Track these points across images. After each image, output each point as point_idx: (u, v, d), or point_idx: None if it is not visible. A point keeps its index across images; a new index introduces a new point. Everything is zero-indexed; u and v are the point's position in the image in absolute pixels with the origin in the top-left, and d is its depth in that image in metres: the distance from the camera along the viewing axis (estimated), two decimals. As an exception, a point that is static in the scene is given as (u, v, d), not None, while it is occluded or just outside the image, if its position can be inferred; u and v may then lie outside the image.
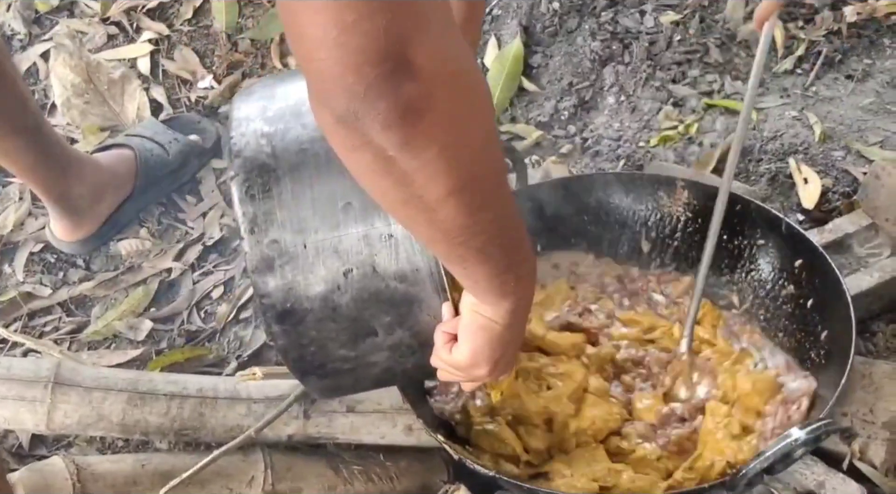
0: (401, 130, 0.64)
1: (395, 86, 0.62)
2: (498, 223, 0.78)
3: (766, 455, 1.06)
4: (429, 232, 0.78)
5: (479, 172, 0.72)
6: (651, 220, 1.50)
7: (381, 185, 0.71)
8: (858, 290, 1.44)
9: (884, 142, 1.75)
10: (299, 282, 0.89)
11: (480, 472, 1.19)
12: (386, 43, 0.60)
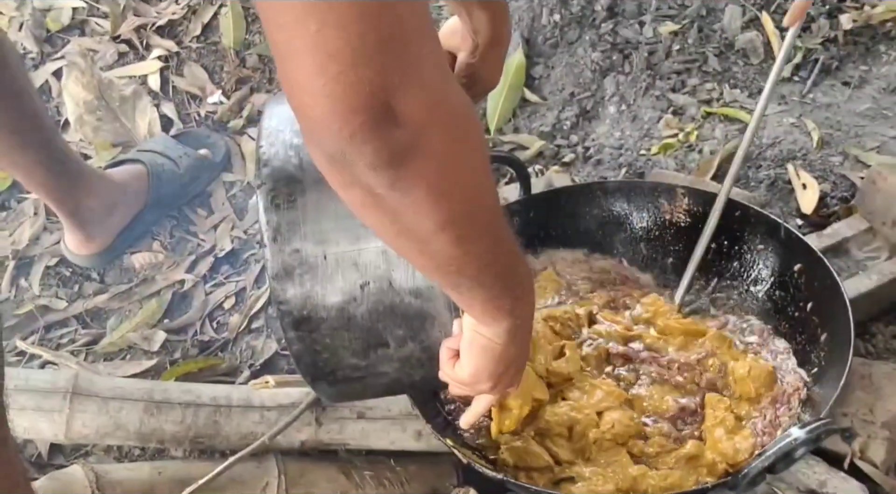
0: (387, 172, 0.66)
1: (380, 133, 0.64)
2: (491, 253, 0.80)
3: (767, 455, 1.08)
4: (422, 261, 0.80)
5: (469, 209, 0.74)
6: (652, 225, 1.54)
7: (373, 218, 0.73)
8: (857, 293, 1.47)
9: (881, 147, 1.78)
10: (317, 292, 0.91)
11: (489, 476, 1.22)
12: (370, 93, 0.62)
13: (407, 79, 0.63)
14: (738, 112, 1.90)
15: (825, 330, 1.34)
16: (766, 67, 1.99)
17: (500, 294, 0.87)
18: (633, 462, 1.25)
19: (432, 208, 0.70)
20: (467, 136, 0.71)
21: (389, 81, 0.62)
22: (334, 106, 0.62)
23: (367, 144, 0.64)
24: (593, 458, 1.27)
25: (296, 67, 0.62)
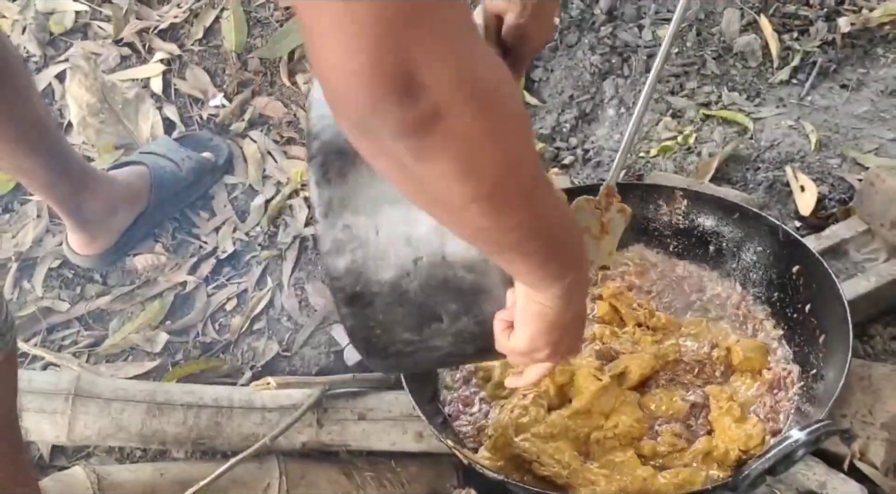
0: (411, 142, 0.66)
1: (403, 105, 0.63)
2: (530, 223, 0.78)
3: (768, 456, 1.09)
4: (459, 230, 0.79)
5: (501, 181, 0.71)
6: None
7: (404, 188, 0.72)
8: (856, 294, 1.48)
9: (879, 149, 1.79)
10: (370, 267, 0.90)
11: (489, 476, 1.22)
12: (394, 65, 0.62)
13: (432, 51, 0.62)
14: (737, 115, 1.91)
15: (824, 332, 1.36)
16: (765, 69, 2.00)
17: (545, 261, 0.84)
18: (642, 463, 1.26)
19: (460, 180, 0.69)
20: (497, 108, 0.69)
21: (413, 55, 0.62)
22: (359, 79, 0.62)
23: (391, 114, 0.63)
24: (598, 459, 1.28)
25: (323, 44, 0.62)
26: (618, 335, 1.44)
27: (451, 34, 0.64)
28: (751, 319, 1.46)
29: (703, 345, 1.40)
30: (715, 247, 1.53)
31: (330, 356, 1.61)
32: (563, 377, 1.35)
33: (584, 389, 1.33)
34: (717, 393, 1.32)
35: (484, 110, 0.67)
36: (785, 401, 1.32)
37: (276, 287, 1.71)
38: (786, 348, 1.40)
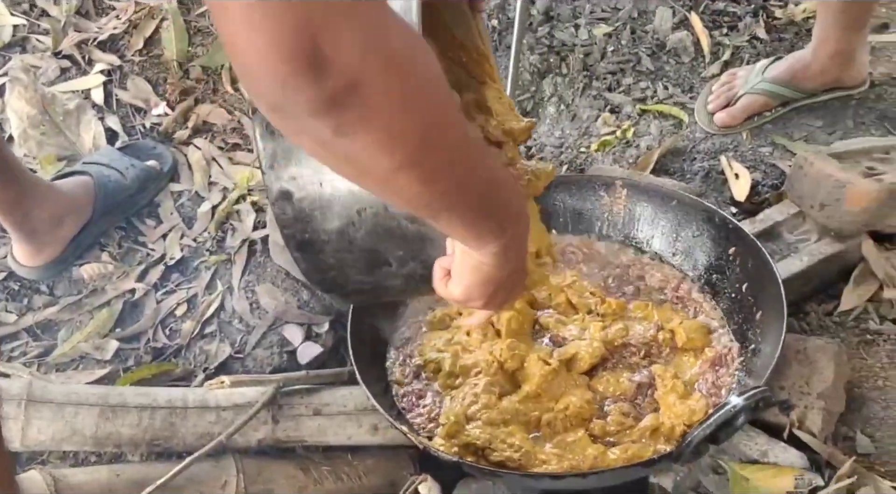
0: (327, 119, 0.64)
1: (313, 82, 0.61)
2: (462, 186, 0.78)
3: (709, 422, 1.13)
4: (390, 198, 0.80)
5: (426, 147, 0.71)
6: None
7: (330, 163, 0.72)
8: (790, 273, 1.54)
9: (807, 137, 1.86)
10: (316, 216, 0.93)
11: (444, 459, 1.25)
12: (295, 41, 0.60)
13: (336, 22, 0.60)
14: (672, 109, 1.97)
15: (760, 308, 1.41)
16: (697, 64, 2.07)
17: (479, 221, 0.85)
18: (592, 442, 1.30)
19: (383, 152, 0.69)
20: (413, 74, 0.67)
21: (316, 28, 0.60)
22: (264, 57, 0.61)
23: (300, 92, 0.62)
24: (550, 440, 1.31)
25: (227, 22, 0.61)
26: (566, 322, 1.48)
27: (355, 3, 0.62)
28: (692, 301, 1.51)
29: (649, 328, 1.45)
30: (655, 234, 1.59)
31: (283, 356, 1.62)
32: (513, 363, 1.38)
33: (534, 374, 1.36)
34: (662, 372, 1.36)
35: (399, 78, 0.66)
36: (726, 376, 1.37)
37: (226, 291, 1.71)
38: (726, 327, 1.45)
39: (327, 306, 1.68)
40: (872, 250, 1.57)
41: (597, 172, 1.81)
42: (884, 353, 1.48)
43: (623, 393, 1.36)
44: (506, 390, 1.38)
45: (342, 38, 0.61)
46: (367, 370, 1.41)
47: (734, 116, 1.87)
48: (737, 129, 1.88)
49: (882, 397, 1.43)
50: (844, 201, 1.53)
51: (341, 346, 1.64)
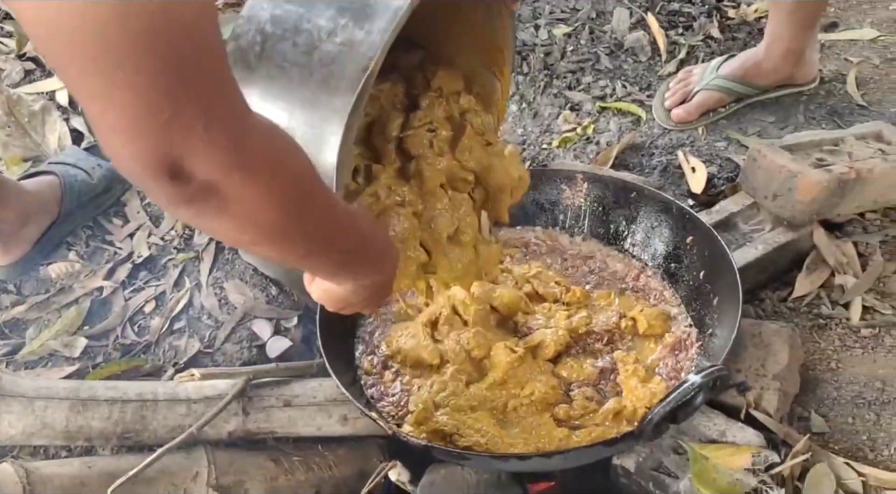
0: (187, 210, 0.71)
1: (172, 187, 0.68)
2: (319, 253, 0.88)
3: (668, 400, 1.17)
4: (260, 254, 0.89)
5: (283, 231, 0.78)
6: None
7: (200, 228, 0.82)
8: (745, 262, 1.59)
9: (761, 132, 1.92)
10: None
11: (413, 444, 1.27)
12: (157, 159, 0.65)
13: (194, 146, 0.66)
14: (631, 106, 2.02)
15: (717, 294, 1.45)
16: (654, 63, 2.12)
17: (337, 273, 0.96)
18: (558, 425, 1.33)
19: (240, 233, 0.76)
20: (272, 173, 0.73)
21: (177, 150, 0.65)
22: (131, 165, 0.66)
23: (163, 192, 0.68)
24: (516, 425, 1.35)
25: (91, 120, 0.66)
26: (531, 311, 1.51)
27: (216, 118, 0.67)
28: (651, 290, 1.56)
29: (611, 316, 1.49)
30: (615, 225, 1.63)
31: (252, 351, 1.63)
32: (480, 352, 1.42)
33: (500, 362, 1.40)
34: (624, 358, 1.41)
35: (257, 179, 0.72)
36: (686, 360, 1.42)
37: (194, 288, 1.73)
38: (685, 313, 1.50)
39: (296, 302, 1.71)
40: (823, 238, 1.63)
41: (558, 166, 1.85)
42: (836, 337, 1.54)
43: (587, 379, 1.40)
44: (473, 377, 1.42)
45: (200, 155, 0.66)
46: (337, 362, 1.43)
47: (690, 112, 1.92)
48: (693, 124, 1.93)
49: (835, 378, 1.48)
50: (796, 191, 1.58)
51: (310, 340, 1.66)
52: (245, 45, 0.94)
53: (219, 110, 0.67)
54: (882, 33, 2.12)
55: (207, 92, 0.66)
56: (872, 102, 1.98)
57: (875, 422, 1.40)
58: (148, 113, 0.63)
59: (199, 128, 0.65)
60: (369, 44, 0.88)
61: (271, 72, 0.92)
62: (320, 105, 0.91)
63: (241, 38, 0.94)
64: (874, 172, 1.61)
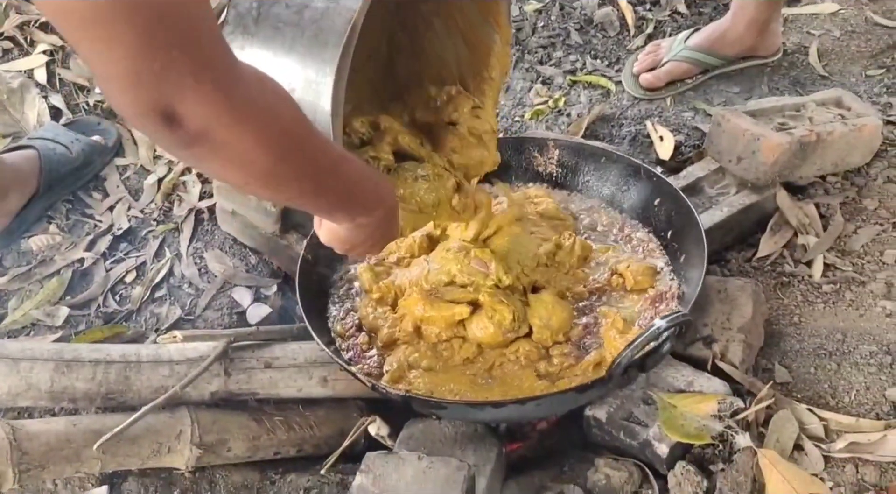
0: (184, 151, 0.78)
1: (164, 130, 0.74)
2: (311, 190, 0.94)
3: (636, 344, 1.22)
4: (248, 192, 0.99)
5: (274, 171, 0.85)
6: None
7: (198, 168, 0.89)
8: (711, 224, 1.64)
9: (726, 101, 1.98)
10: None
11: (392, 394, 1.31)
12: (151, 106, 0.72)
13: (186, 90, 0.72)
14: (600, 79, 2.07)
15: (683, 252, 1.50)
16: (623, 38, 2.17)
17: (332, 211, 1.03)
18: (539, 380, 1.37)
19: (233, 171, 0.83)
20: (260, 119, 0.80)
21: (167, 98, 0.72)
22: (126, 109, 0.73)
23: (159, 136, 0.75)
24: (500, 382, 1.38)
25: (94, 74, 0.73)
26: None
27: (204, 68, 0.73)
28: (640, 240, 1.59)
29: (603, 273, 1.52)
30: (588, 187, 1.68)
31: (233, 317, 1.67)
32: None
33: (484, 335, 1.41)
34: (606, 312, 1.44)
35: (246, 125, 0.78)
36: (666, 312, 1.44)
37: (174, 258, 1.76)
38: (670, 265, 1.53)
39: (275, 270, 1.74)
40: (786, 200, 1.68)
41: (533, 134, 1.90)
42: (798, 293, 1.59)
43: (568, 334, 1.43)
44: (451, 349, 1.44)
45: (190, 102, 0.73)
46: (316, 323, 1.47)
47: (658, 78, 1.97)
48: (661, 92, 1.99)
49: (797, 332, 1.53)
50: (759, 153, 1.63)
51: (289, 307, 1.70)
52: (243, 11, 1.01)
53: (208, 62, 0.73)
54: (842, 7, 2.18)
55: (197, 44, 0.72)
56: (833, 72, 2.04)
57: (836, 371, 1.45)
58: (142, 63, 0.69)
59: (189, 78, 0.71)
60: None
61: (268, 34, 0.99)
62: (313, 58, 0.98)
63: (240, 4, 1.01)
64: (834, 134, 1.67)
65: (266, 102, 0.81)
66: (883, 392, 1.39)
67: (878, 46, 2.07)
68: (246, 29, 1.00)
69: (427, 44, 1.34)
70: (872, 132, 1.73)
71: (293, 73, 0.99)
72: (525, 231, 1.52)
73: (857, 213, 1.69)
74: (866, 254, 1.62)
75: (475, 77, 1.37)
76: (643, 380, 1.40)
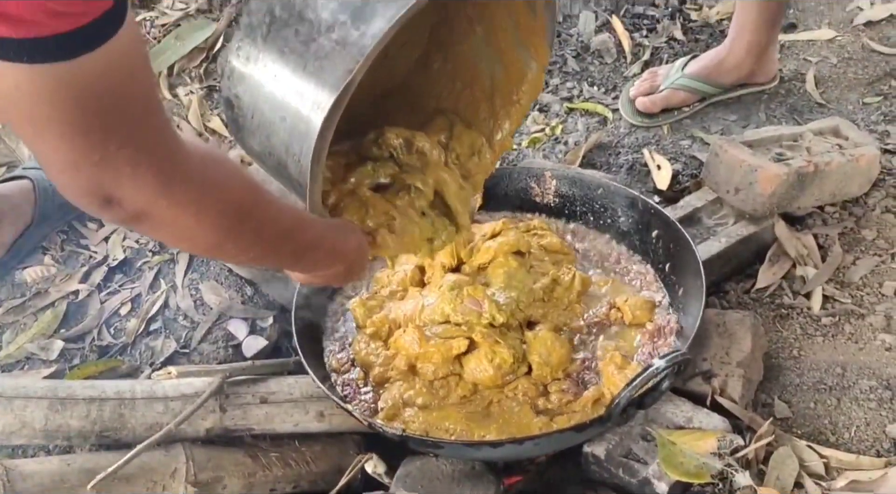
0: (127, 226, 0.85)
1: (108, 212, 0.79)
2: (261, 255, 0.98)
3: (635, 384, 1.21)
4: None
5: (219, 243, 0.89)
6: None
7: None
8: (709, 255, 1.63)
9: (723, 130, 1.98)
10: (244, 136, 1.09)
11: (389, 433, 1.30)
12: (90, 190, 0.76)
13: (121, 183, 0.76)
14: (597, 106, 2.07)
15: (682, 285, 1.50)
16: (620, 64, 2.17)
17: (290, 268, 1.10)
18: (537, 415, 1.35)
19: (181, 245, 0.90)
20: (201, 197, 0.83)
21: (106, 181, 0.75)
22: (65, 191, 0.77)
23: (100, 215, 0.83)
24: (498, 418, 1.37)
25: (34, 154, 0.79)
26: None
27: (143, 157, 0.77)
28: (637, 274, 1.58)
29: (601, 307, 1.51)
30: (583, 220, 1.67)
31: (228, 350, 1.66)
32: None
33: (483, 378, 1.40)
34: (604, 347, 1.43)
35: (185, 207, 0.82)
36: (664, 347, 1.43)
37: (169, 289, 1.75)
38: (666, 297, 1.52)
39: (271, 302, 1.73)
40: (785, 230, 1.68)
41: (527, 164, 1.89)
42: (797, 325, 1.59)
43: (567, 369, 1.42)
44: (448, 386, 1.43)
45: (128, 193, 0.77)
46: (311, 359, 1.46)
47: (655, 103, 1.97)
48: (658, 120, 1.98)
49: (797, 366, 1.52)
50: (757, 184, 1.63)
51: (285, 339, 1.69)
52: (255, 23, 1.02)
53: (147, 151, 0.77)
54: (839, 34, 2.18)
55: (136, 136, 0.76)
56: (830, 99, 2.04)
57: (836, 407, 1.44)
58: (80, 155, 0.74)
59: (126, 167, 0.75)
60: (360, 47, 0.94)
61: (273, 55, 1.01)
62: (308, 98, 0.98)
63: (253, 15, 1.02)
64: (832, 165, 1.67)
65: (209, 182, 0.85)
66: (883, 429, 1.38)
67: (875, 74, 2.07)
68: (254, 42, 1.02)
69: (467, 48, 1.33)
70: (870, 162, 1.72)
71: (289, 100, 1.00)
72: (524, 265, 1.51)
73: (856, 243, 1.69)
74: (865, 286, 1.62)
75: (505, 96, 1.35)
76: (642, 416, 1.39)
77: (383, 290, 1.56)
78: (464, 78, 1.34)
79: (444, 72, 1.35)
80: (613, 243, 1.64)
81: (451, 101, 1.36)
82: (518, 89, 1.32)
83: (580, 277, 1.51)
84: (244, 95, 1.04)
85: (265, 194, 0.94)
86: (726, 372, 1.46)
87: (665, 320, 1.46)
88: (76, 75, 0.70)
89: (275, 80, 1.00)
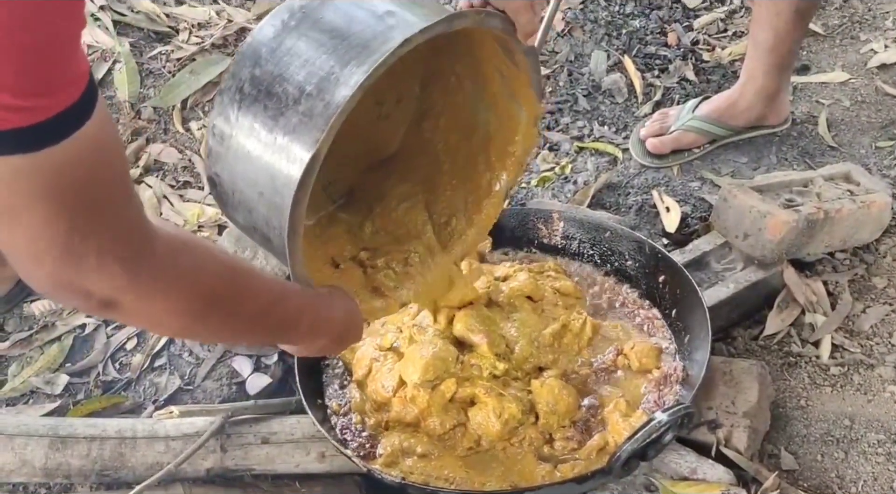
0: (98, 313, 0.83)
1: (78, 301, 0.79)
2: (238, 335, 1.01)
3: (637, 437, 1.20)
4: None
5: (191, 327, 0.90)
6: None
7: None
8: (717, 300, 1.62)
9: (734, 172, 1.97)
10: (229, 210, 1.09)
11: (388, 481, 1.29)
12: (63, 283, 0.76)
13: (84, 273, 0.75)
14: (607, 146, 2.06)
15: (688, 332, 1.48)
16: (631, 104, 2.17)
17: (273, 343, 1.14)
18: (541, 462, 1.34)
19: (154, 330, 0.92)
20: (168, 292, 0.83)
21: (68, 275, 0.75)
22: (30, 281, 0.77)
23: (68, 304, 0.84)
24: (502, 464, 1.36)
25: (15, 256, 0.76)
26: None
27: (108, 248, 0.76)
28: (645, 318, 1.57)
29: (608, 354, 1.49)
30: (591, 262, 1.66)
31: (232, 388, 1.65)
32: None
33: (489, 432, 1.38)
34: (610, 394, 1.42)
35: (153, 296, 0.82)
36: (670, 395, 1.42)
37: (176, 325, 1.74)
38: (675, 346, 1.51)
39: (276, 339, 1.73)
40: (794, 277, 1.66)
41: (536, 205, 1.89)
42: (805, 374, 1.57)
43: (573, 417, 1.41)
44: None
45: (94, 283, 0.77)
46: (314, 400, 1.45)
47: (665, 143, 1.96)
48: (668, 160, 1.97)
49: (804, 416, 1.50)
50: (766, 230, 1.62)
51: (289, 377, 1.68)
52: (227, 101, 1.02)
53: (112, 242, 0.76)
54: (852, 76, 2.17)
55: (100, 227, 0.75)
56: (843, 143, 2.02)
57: (843, 460, 1.42)
58: (44, 248, 0.73)
59: (91, 259, 0.75)
60: (325, 117, 0.94)
61: (245, 133, 1.00)
62: (280, 171, 0.98)
63: (225, 93, 1.02)
64: (842, 212, 1.65)
65: (179, 271, 0.84)
66: (891, 484, 1.36)
67: (888, 117, 2.06)
68: (227, 120, 1.01)
69: (461, 98, 1.32)
70: (882, 209, 1.71)
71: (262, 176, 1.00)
72: (535, 311, 1.50)
73: (866, 291, 1.67)
74: (875, 335, 1.60)
75: (500, 148, 1.35)
76: (646, 465, 1.38)
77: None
78: (459, 129, 1.34)
79: (439, 128, 1.36)
80: (620, 287, 1.63)
81: (449, 155, 1.36)
82: (512, 140, 1.32)
83: (591, 323, 1.50)
84: (223, 173, 1.04)
85: (242, 275, 0.94)
86: (732, 422, 1.44)
87: (671, 367, 1.45)
88: (40, 167, 0.69)
89: (248, 157, 1.00)
